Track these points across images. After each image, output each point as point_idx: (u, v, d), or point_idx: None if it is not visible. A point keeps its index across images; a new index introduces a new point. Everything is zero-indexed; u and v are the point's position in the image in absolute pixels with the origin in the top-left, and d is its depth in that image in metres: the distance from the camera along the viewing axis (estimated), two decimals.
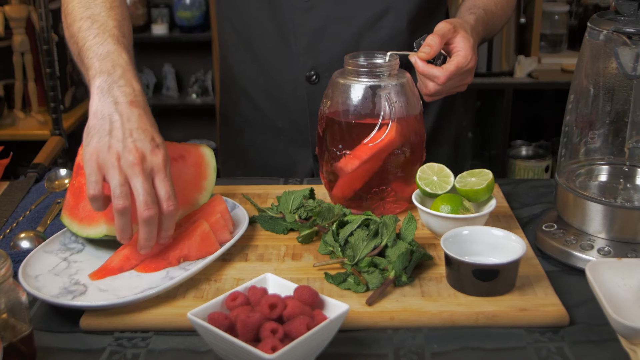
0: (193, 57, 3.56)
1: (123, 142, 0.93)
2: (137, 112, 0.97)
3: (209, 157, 1.15)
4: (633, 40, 0.98)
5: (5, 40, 2.84)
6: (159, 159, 0.94)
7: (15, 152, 1.60)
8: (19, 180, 1.36)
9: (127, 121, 0.95)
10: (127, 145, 0.93)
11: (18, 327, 0.81)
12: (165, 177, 0.94)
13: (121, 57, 1.02)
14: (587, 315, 0.92)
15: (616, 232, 1.02)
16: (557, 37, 3.22)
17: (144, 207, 0.92)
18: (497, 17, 1.34)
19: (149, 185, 0.93)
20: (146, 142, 0.94)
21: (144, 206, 0.92)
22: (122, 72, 1.00)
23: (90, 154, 0.94)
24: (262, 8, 1.34)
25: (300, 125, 1.39)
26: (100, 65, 1.01)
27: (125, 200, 0.92)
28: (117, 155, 0.93)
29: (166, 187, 0.94)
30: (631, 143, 1.08)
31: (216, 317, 0.80)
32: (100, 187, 0.94)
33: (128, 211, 0.93)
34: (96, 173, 0.93)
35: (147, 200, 0.92)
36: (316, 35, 1.32)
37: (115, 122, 0.95)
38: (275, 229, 1.13)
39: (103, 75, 0.99)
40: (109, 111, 0.96)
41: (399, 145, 1.12)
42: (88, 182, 0.94)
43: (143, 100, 0.99)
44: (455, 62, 1.15)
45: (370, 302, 0.92)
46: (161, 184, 0.94)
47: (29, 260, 0.99)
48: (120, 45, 1.05)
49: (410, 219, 1.03)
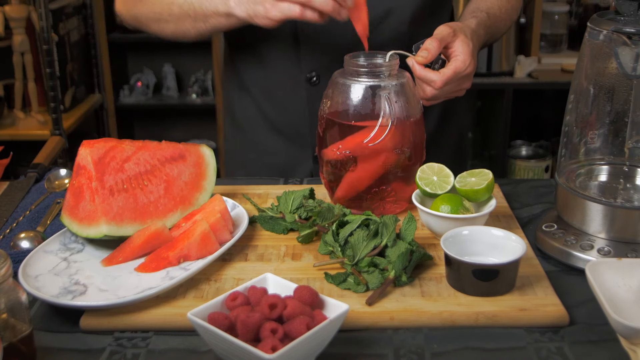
0: (193, 57, 3.56)
1: None
2: None
3: (209, 157, 1.16)
4: (633, 40, 0.98)
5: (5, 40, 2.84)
6: None
7: (15, 152, 1.60)
8: (19, 180, 1.36)
9: None
10: None
11: (18, 327, 0.81)
12: None
13: None
14: (587, 315, 0.92)
15: (616, 232, 1.02)
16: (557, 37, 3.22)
17: None
18: (501, 20, 1.34)
19: None
20: None
21: None
22: None
23: None
24: None
25: (300, 126, 1.39)
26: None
27: None
28: None
29: None
30: (631, 143, 1.08)
31: (216, 317, 0.80)
32: None
33: None
34: None
35: None
36: (318, 36, 1.32)
37: None
38: (275, 229, 1.13)
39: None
40: None
41: (399, 145, 1.12)
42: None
43: None
44: (453, 67, 1.15)
45: (370, 302, 0.92)
46: None
47: (29, 260, 0.99)
48: None
49: (410, 219, 1.03)
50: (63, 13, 2.97)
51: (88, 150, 1.07)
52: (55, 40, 2.77)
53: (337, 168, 1.14)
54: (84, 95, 3.25)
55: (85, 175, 1.06)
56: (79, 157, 1.08)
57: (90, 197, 1.05)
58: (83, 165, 1.07)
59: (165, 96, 3.56)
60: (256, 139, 1.46)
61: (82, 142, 1.09)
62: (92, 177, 1.05)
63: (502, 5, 1.34)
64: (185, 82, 3.63)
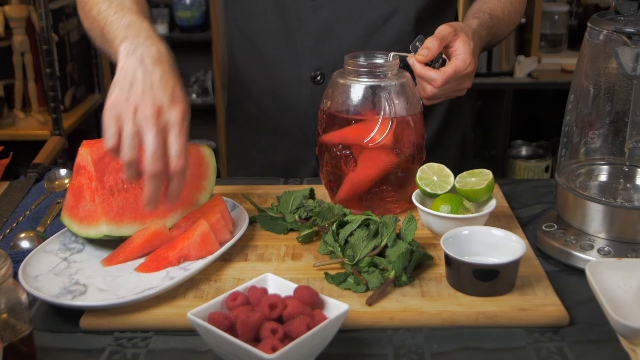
0: (193, 57, 3.56)
1: (142, 94, 0.93)
2: (161, 69, 0.97)
3: (209, 157, 1.15)
4: (633, 40, 0.98)
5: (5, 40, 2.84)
6: (176, 113, 0.94)
7: (15, 152, 1.60)
8: (19, 180, 1.36)
9: (149, 76, 0.95)
10: (145, 98, 0.93)
11: (18, 327, 0.81)
12: (180, 133, 0.93)
13: (143, 25, 1.03)
14: (587, 315, 0.92)
15: (616, 232, 1.02)
16: (557, 37, 3.22)
17: (151, 160, 0.91)
18: (503, 23, 1.34)
19: (161, 139, 0.92)
20: (165, 96, 0.94)
21: (151, 159, 0.91)
22: (146, 35, 1.01)
23: (109, 105, 0.94)
24: (268, 7, 1.34)
25: (303, 125, 1.39)
26: (125, 33, 1.02)
27: (132, 151, 0.91)
28: (134, 107, 0.92)
29: (178, 144, 0.93)
30: (631, 143, 1.08)
31: (216, 317, 0.80)
32: (115, 139, 0.93)
33: (135, 163, 0.92)
34: (113, 125, 0.93)
35: (155, 154, 0.91)
36: (322, 35, 1.31)
37: (138, 77, 0.95)
38: (275, 229, 1.13)
39: (128, 40, 1.00)
40: (133, 67, 0.96)
41: (399, 146, 1.12)
42: (105, 134, 0.93)
43: (168, 59, 1.00)
44: (454, 66, 1.14)
45: (370, 302, 0.92)
46: (174, 140, 0.93)
47: (29, 260, 0.99)
48: (141, 17, 1.06)
49: (410, 219, 1.03)
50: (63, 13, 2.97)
51: (88, 150, 1.07)
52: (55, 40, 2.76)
53: (337, 168, 1.14)
54: (84, 95, 3.25)
55: (85, 175, 1.06)
56: (79, 157, 1.08)
57: (90, 197, 1.05)
58: (83, 165, 1.07)
59: None
60: (259, 138, 1.46)
61: (82, 142, 1.09)
62: (92, 177, 1.05)
63: (505, 8, 1.34)
64: (185, 82, 3.63)
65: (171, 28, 3.45)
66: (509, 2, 1.36)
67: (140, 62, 0.97)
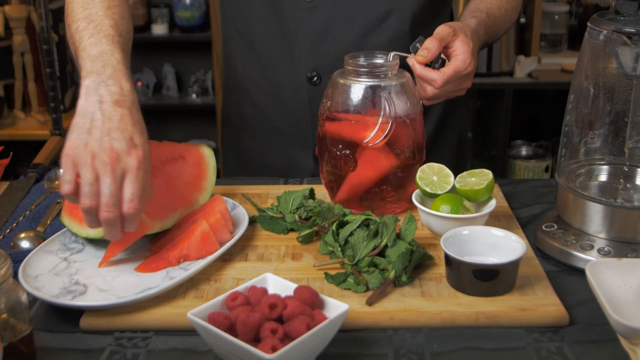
0: (193, 57, 3.56)
1: (100, 140, 0.93)
2: (121, 112, 0.96)
3: (209, 157, 1.15)
4: (633, 40, 0.98)
5: (5, 40, 2.84)
6: (133, 160, 0.93)
7: (15, 152, 1.60)
8: (19, 180, 1.36)
9: (107, 120, 0.94)
10: (103, 145, 0.92)
11: (18, 327, 0.81)
12: (136, 178, 0.92)
13: (113, 57, 1.01)
14: (587, 315, 0.92)
15: (616, 232, 1.02)
16: (557, 37, 3.22)
17: (104, 208, 0.91)
18: (500, 21, 1.34)
19: (116, 186, 0.92)
20: (123, 143, 0.93)
21: (105, 207, 0.91)
22: (112, 71, 0.99)
23: (67, 150, 0.94)
24: (265, 8, 1.34)
25: (301, 126, 1.39)
26: (91, 66, 1.00)
27: (90, 200, 0.91)
28: (92, 153, 0.92)
29: (132, 189, 0.92)
30: (631, 143, 1.08)
31: (216, 317, 0.80)
32: (72, 186, 0.93)
33: (94, 210, 0.92)
34: (70, 171, 0.93)
35: (108, 202, 0.91)
36: (318, 36, 1.31)
37: (96, 121, 0.94)
38: (275, 229, 1.13)
39: (92, 75, 0.99)
40: (92, 109, 0.96)
41: (399, 146, 1.12)
42: (62, 178, 0.93)
43: (130, 99, 0.98)
44: (453, 66, 1.15)
45: (370, 302, 0.92)
46: (129, 186, 0.92)
47: (29, 260, 0.99)
48: (115, 44, 1.04)
49: (410, 219, 1.03)
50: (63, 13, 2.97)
51: None
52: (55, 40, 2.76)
53: (337, 168, 1.14)
54: None
55: None
56: None
57: None
58: None
59: (165, 96, 3.56)
60: (256, 139, 1.46)
61: None
62: None
63: (502, 6, 1.34)
64: (185, 82, 3.63)
65: (171, 28, 3.45)
66: (505, 1, 1.36)
67: (99, 103, 0.96)
